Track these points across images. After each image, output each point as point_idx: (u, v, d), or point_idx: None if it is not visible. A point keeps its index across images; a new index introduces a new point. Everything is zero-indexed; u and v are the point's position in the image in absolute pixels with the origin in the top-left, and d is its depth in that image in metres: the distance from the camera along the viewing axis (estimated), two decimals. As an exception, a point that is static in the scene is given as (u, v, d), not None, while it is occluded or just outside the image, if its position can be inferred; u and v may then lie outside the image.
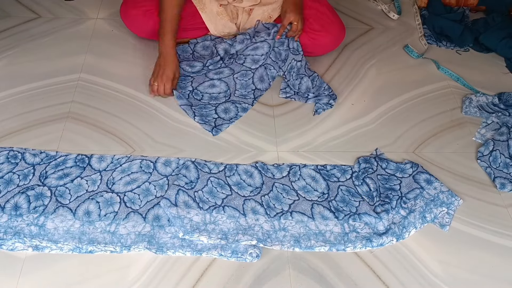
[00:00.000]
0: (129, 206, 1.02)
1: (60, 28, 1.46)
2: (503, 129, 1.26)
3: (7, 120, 1.18)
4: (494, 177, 1.17)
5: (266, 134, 1.23)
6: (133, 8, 1.33)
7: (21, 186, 1.03)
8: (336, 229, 1.03)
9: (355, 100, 1.34)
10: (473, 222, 1.08)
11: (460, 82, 1.42)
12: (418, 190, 1.11)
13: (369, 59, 1.47)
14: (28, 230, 0.96)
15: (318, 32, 1.34)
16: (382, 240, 1.01)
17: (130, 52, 1.40)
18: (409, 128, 1.28)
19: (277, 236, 1.00)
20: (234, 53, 1.34)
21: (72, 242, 0.95)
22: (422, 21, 1.63)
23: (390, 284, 0.96)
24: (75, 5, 1.55)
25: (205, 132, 1.21)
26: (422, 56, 1.49)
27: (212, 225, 1.00)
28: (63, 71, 1.32)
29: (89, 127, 1.19)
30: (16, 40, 1.40)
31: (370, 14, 1.65)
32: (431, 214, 1.07)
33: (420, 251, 1.02)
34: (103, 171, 1.08)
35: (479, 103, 1.34)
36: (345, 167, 1.16)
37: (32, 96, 1.24)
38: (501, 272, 1.00)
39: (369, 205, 1.08)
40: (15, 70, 1.31)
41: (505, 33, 1.50)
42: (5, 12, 1.49)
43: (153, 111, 1.25)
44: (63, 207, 1.00)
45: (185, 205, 1.02)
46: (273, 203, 1.06)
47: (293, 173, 1.13)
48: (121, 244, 0.96)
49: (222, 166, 1.13)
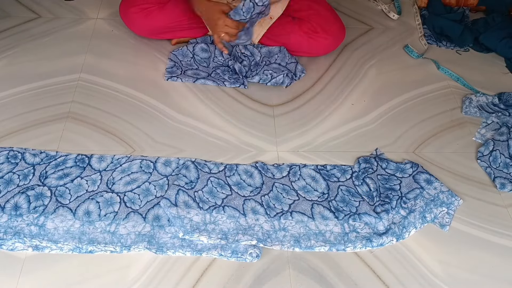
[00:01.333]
0: (129, 206, 1.02)
1: (60, 28, 1.46)
2: (503, 129, 1.26)
3: (7, 120, 1.18)
4: (494, 177, 1.17)
5: (266, 134, 1.23)
6: (132, 6, 1.33)
7: (21, 186, 1.03)
8: (336, 229, 1.03)
9: (355, 100, 1.34)
10: (473, 222, 1.08)
11: (460, 82, 1.42)
12: (418, 190, 1.11)
13: (369, 59, 1.47)
14: (28, 230, 0.96)
15: (318, 33, 1.34)
16: (382, 240, 1.01)
17: (130, 52, 1.40)
18: (409, 128, 1.28)
19: (277, 236, 1.00)
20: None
21: (72, 242, 0.95)
22: (422, 21, 1.63)
23: (390, 284, 0.96)
24: (75, 5, 1.55)
25: (205, 132, 1.21)
26: (422, 56, 1.49)
27: (212, 225, 1.00)
28: (63, 71, 1.32)
29: (89, 127, 1.19)
30: (16, 40, 1.40)
31: (370, 14, 1.65)
32: (431, 214, 1.07)
33: (420, 251, 1.02)
34: (103, 171, 1.08)
35: (479, 103, 1.34)
36: (345, 167, 1.16)
37: (32, 96, 1.24)
38: (501, 272, 1.00)
39: (369, 205, 1.08)
40: (15, 70, 1.31)
41: (505, 33, 1.50)
42: (5, 12, 1.49)
43: (153, 111, 1.25)
44: (63, 207, 1.00)
45: (185, 205, 1.02)
46: (273, 203, 1.06)
47: (293, 173, 1.13)
48: (121, 244, 0.96)
49: (222, 166, 1.13)
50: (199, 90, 1.31)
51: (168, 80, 1.32)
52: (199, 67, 1.36)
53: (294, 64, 1.38)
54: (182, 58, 1.37)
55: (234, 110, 1.28)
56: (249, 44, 1.38)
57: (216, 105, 1.28)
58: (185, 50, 1.38)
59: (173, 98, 1.28)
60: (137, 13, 1.33)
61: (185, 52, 1.38)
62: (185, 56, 1.37)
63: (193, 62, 1.37)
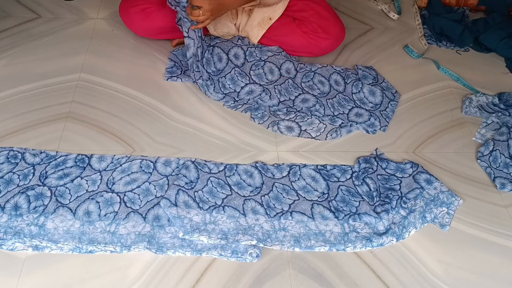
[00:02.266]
0: (129, 206, 1.02)
1: (60, 28, 1.46)
2: (503, 129, 1.26)
3: (7, 120, 1.18)
4: (494, 177, 1.17)
5: (266, 134, 1.23)
6: (132, 6, 1.33)
7: (21, 186, 1.03)
8: (336, 229, 1.03)
9: (355, 100, 1.34)
10: (473, 222, 1.08)
11: (460, 82, 1.42)
12: (418, 190, 1.11)
13: (369, 59, 1.47)
14: (28, 230, 0.96)
15: (318, 33, 1.34)
16: (382, 240, 1.01)
17: (130, 52, 1.40)
18: (409, 128, 1.28)
19: (277, 236, 1.00)
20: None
21: (72, 242, 0.95)
22: (422, 21, 1.63)
23: (390, 284, 0.96)
24: (75, 5, 1.55)
25: (205, 132, 1.21)
26: (422, 56, 1.49)
27: (212, 225, 1.00)
28: (63, 71, 1.32)
29: (89, 127, 1.19)
30: (16, 40, 1.40)
31: (370, 14, 1.65)
32: (431, 214, 1.07)
33: (420, 251, 1.02)
34: (103, 171, 1.08)
35: (479, 103, 1.34)
36: (345, 167, 1.16)
37: (32, 96, 1.24)
38: (501, 272, 1.00)
39: (369, 205, 1.08)
40: (15, 70, 1.31)
41: (505, 33, 1.50)
42: (5, 12, 1.49)
43: (153, 111, 1.25)
44: (63, 207, 1.00)
45: (185, 205, 1.02)
46: (273, 203, 1.06)
47: (293, 173, 1.13)
48: (121, 244, 0.96)
49: (222, 166, 1.13)
50: (199, 90, 1.31)
51: (168, 80, 1.32)
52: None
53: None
54: (182, 58, 1.37)
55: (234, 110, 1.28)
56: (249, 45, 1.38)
57: (216, 105, 1.28)
58: (185, 49, 1.38)
59: (173, 98, 1.28)
60: (137, 14, 1.33)
61: (185, 52, 1.38)
62: (185, 56, 1.37)
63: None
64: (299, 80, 1.31)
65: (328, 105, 1.26)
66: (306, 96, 1.29)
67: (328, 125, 1.22)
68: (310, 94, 1.29)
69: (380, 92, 1.31)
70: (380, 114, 1.27)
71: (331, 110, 1.26)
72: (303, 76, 1.33)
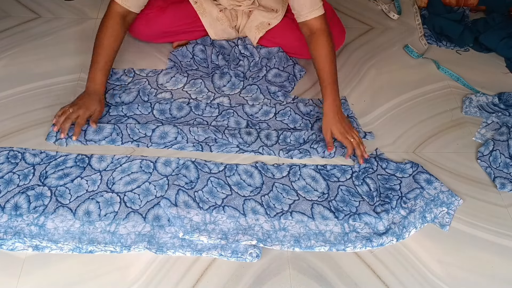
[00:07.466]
0: (129, 206, 1.02)
1: (60, 28, 1.46)
2: (503, 129, 1.26)
3: (7, 120, 1.18)
4: (494, 177, 1.17)
5: (266, 134, 1.22)
6: None
7: (21, 186, 1.03)
8: (336, 229, 1.03)
9: (355, 100, 1.34)
10: (473, 222, 1.08)
11: (460, 82, 1.42)
12: (418, 190, 1.11)
13: (369, 59, 1.47)
14: (28, 230, 0.96)
15: None
16: (382, 240, 1.01)
17: (130, 52, 1.40)
18: (409, 128, 1.28)
19: (277, 236, 1.00)
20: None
21: (72, 242, 0.95)
22: (422, 21, 1.63)
23: (390, 284, 0.96)
24: (75, 5, 1.55)
25: (205, 132, 1.21)
26: (422, 56, 1.49)
27: (212, 225, 1.00)
28: (63, 71, 1.32)
29: (89, 127, 1.19)
30: (16, 40, 1.40)
31: (370, 14, 1.65)
32: (431, 214, 1.07)
33: (420, 251, 1.02)
34: (103, 171, 1.08)
35: (479, 103, 1.34)
36: (345, 167, 1.16)
37: (32, 96, 1.24)
38: (501, 272, 1.00)
39: (369, 205, 1.08)
40: (15, 70, 1.31)
41: (505, 33, 1.50)
42: (5, 12, 1.49)
43: (153, 111, 1.25)
44: (63, 207, 1.00)
45: (185, 205, 1.02)
46: (273, 203, 1.06)
47: (293, 173, 1.13)
48: (121, 244, 0.96)
49: (222, 166, 1.13)
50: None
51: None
52: (199, 68, 1.36)
53: (292, 66, 1.38)
54: (182, 59, 1.37)
55: (234, 110, 1.28)
56: (249, 45, 1.38)
57: (216, 105, 1.28)
58: (185, 50, 1.38)
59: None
60: (137, 19, 1.31)
61: (185, 52, 1.38)
62: (184, 57, 1.37)
63: (193, 63, 1.37)
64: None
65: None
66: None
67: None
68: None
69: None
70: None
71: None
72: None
